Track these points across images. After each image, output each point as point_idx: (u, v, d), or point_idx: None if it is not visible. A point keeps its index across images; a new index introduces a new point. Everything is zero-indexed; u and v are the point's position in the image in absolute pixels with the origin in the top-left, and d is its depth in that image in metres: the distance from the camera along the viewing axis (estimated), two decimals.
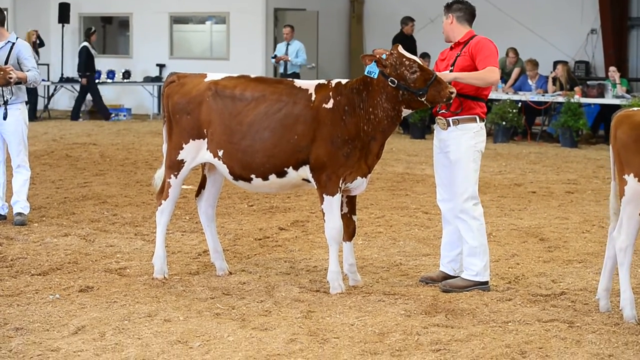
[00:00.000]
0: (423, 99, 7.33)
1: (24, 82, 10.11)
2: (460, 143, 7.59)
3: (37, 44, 23.17)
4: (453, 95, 7.31)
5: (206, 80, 7.78)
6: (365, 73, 7.42)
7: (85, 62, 23.03)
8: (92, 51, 23.30)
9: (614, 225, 6.92)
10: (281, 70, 20.86)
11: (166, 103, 7.88)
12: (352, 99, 7.44)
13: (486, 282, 7.66)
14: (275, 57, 20.98)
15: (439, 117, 7.69)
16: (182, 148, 7.75)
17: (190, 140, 7.72)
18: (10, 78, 9.74)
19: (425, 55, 21.03)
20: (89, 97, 23.57)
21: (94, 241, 9.36)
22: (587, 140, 19.50)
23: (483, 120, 7.70)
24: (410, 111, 7.60)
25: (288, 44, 20.82)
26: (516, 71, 20.94)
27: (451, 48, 7.84)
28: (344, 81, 7.59)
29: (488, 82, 7.57)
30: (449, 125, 7.62)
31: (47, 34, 25.69)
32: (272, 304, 7.19)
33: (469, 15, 7.78)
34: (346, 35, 26.32)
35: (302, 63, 20.86)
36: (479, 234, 7.62)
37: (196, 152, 7.74)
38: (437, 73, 7.41)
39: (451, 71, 7.60)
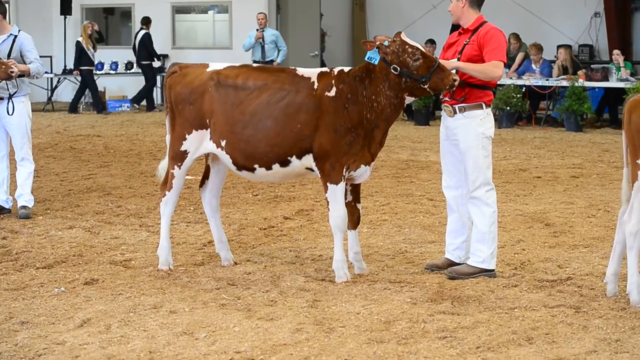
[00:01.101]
0: (426, 87, 7.29)
1: (27, 74, 10.09)
2: (468, 131, 7.54)
3: (96, 39, 23.18)
4: (456, 83, 7.27)
5: (208, 70, 7.75)
6: (366, 59, 7.38)
7: (151, 49, 23.23)
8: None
9: (624, 211, 6.87)
10: (258, 56, 20.62)
11: (169, 94, 7.86)
12: (354, 86, 7.40)
13: (492, 270, 7.64)
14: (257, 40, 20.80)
15: (445, 104, 7.65)
16: (185, 139, 7.73)
17: (193, 130, 7.69)
18: (12, 72, 9.69)
19: (431, 42, 20.95)
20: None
21: (99, 233, 9.36)
22: (592, 124, 19.47)
23: (489, 107, 7.66)
24: (413, 99, 7.56)
25: (263, 31, 20.72)
26: (520, 56, 20.88)
27: (460, 33, 7.78)
28: (346, 69, 7.55)
29: (490, 77, 7.50)
30: (455, 112, 7.58)
31: (49, 26, 25.73)
32: (278, 293, 7.18)
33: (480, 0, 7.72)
34: (349, 22, 26.26)
35: (283, 57, 20.72)
36: (490, 221, 7.58)
37: (199, 143, 7.71)
38: (440, 60, 7.38)
39: (459, 59, 7.55)
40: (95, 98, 23.01)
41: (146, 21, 23.67)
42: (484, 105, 7.58)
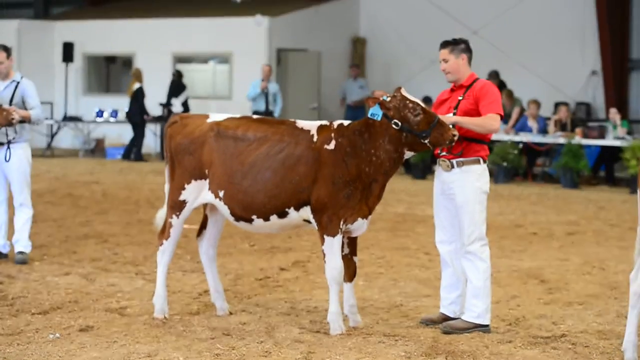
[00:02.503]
0: (426, 142, 7.35)
1: (28, 121, 10.16)
2: (465, 185, 7.59)
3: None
4: (455, 138, 7.33)
5: (209, 120, 7.82)
6: (369, 115, 7.44)
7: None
8: None
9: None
10: (261, 107, 20.81)
11: (169, 143, 7.92)
12: (354, 140, 7.46)
13: (487, 326, 7.65)
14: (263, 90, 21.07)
15: (442, 158, 7.71)
16: (184, 188, 7.78)
17: (192, 180, 7.75)
18: (13, 119, 9.74)
19: (427, 100, 21.07)
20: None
21: (95, 280, 9.37)
22: (588, 181, 19.54)
23: (486, 162, 7.73)
24: (412, 153, 7.61)
25: (268, 82, 20.94)
26: (516, 111, 20.99)
27: (452, 90, 7.87)
28: (346, 122, 7.63)
29: (488, 130, 7.58)
30: (452, 167, 7.63)
31: (51, 73, 25.90)
32: (272, 344, 7.18)
33: (472, 55, 7.84)
34: (348, 76, 26.41)
35: (280, 111, 21.15)
36: (484, 276, 7.61)
37: (198, 193, 7.77)
38: (439, 116, 7.45)
39: (454, 114, 7.63)
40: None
41: (180, 73, 23.99)
42: (481, 160, 7.65)
